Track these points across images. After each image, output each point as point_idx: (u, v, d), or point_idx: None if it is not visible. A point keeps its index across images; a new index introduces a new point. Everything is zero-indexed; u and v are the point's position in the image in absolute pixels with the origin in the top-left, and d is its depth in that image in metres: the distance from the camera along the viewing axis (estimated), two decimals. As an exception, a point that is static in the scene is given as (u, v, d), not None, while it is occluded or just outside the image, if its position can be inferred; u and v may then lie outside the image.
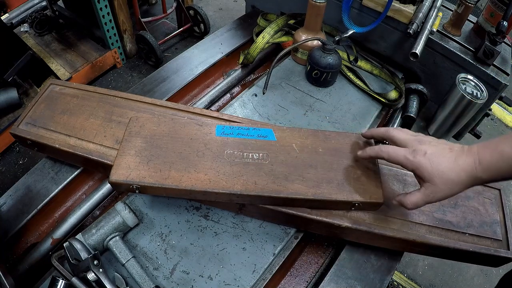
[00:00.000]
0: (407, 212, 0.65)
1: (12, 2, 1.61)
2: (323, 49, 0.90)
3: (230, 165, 0.62)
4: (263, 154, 0.65)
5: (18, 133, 0.72)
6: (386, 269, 0.68)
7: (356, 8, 0.99)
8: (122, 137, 0.65)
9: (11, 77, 1.70)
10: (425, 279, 1.62)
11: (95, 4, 1.85)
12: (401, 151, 0.55)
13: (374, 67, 1.02)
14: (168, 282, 0.62)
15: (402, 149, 0.55)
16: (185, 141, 0.65)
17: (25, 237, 0.73)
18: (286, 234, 0.68)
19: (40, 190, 0.74)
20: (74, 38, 2.24)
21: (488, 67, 0.85)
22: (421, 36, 0.85)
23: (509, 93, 0.93)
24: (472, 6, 0.86)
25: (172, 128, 0.67)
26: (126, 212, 0.63)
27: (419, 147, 0.53)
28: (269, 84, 0.93)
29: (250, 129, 0.69)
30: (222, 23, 2.74)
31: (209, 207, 0.71)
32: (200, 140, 0.65)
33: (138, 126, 0.66)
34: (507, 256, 0.63)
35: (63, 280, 0.55)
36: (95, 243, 0.61)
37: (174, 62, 1.03)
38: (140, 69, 2.33)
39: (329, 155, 0.66)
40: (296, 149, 0.66)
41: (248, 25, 1.19)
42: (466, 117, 0.84)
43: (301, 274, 0.70)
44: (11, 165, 1.80)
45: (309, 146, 0.67)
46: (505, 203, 0.70)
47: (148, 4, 2.74)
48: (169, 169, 0.60)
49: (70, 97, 0.78)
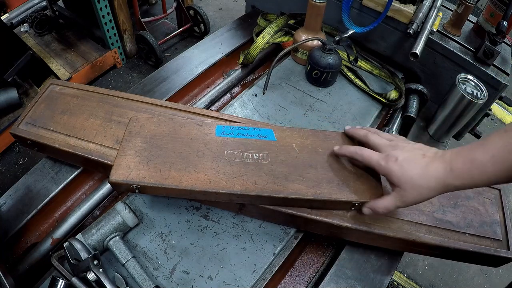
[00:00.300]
0: (407, 212, 0.65)
1: (12, 2, 1.61)
2: (323, 49, 0.90)
3: (230, 165, 0.62)
4: (263, 154, 0.65)
5: (18, 133, 0.72)
6: (386, 269, 0.68)
7: (356, 8, 0.99)
8: (122, 137, 0.65)
9: (11, 77, 1.70)
10: (425, 279, 1.62)
11: (95, 4, 1.85)
12: (375, 156, 0.57)
13: (374, 67, 1.02)
14: (168, 282, 0.62)
15: (376, 154, 0.57)
16: (185, 141, 0.65)
17: (25, 237, 0.73)
18: (286, 234, 0.68)
19: (40, 190, 0.74)
20: (74, 38, 2.24)
21: (488, 67, 0.85)
22: (421, 36, 0.85)
23: (509, 93, 0.93)
24: (472, 6, 0.86)
25: (172, 128, 0.67)
26: (126, 212, 0.63)
27: (392, 153, 0.55)
28: (269, 84, 0.93)
29: (250, 129, 0.69)
30: (222, 23, 2.75)
31: (209, 207, 0.71)
32: (200, 140, 0.65)
33: (138, 126, 0.66)
34: (507, 256, 0.63)
35: (63, 280, 0.56)
36: (95, 243, 0.61)
37: (174, 62, 1.03)
38: (140, 69, 2.33)
39: (329, 155, 0.66)
40: (296, 149, 0.66)
41: (248, 25, 1.19)
42: (466, 117, 0.84)
43: (301, 274, 0.70)
44: (11, 165, 1.80)
45: (309, 146, 0.67)
46: (505, 203, 0.70)
47: (148, 4, 2.74)
48: (169, 169, 0.60)
49: (70, 97, 0.78)
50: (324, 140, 0.68)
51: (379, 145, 0.59)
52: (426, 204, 0.66)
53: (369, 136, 0.62)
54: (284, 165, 0.63)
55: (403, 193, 0.53)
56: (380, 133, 0.64)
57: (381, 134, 0.63)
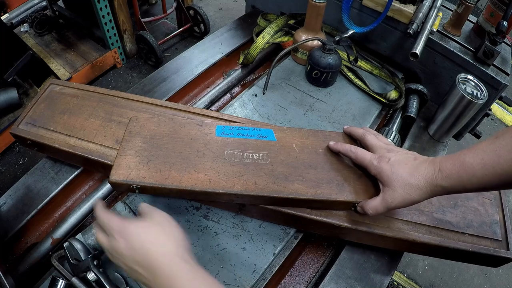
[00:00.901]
0: (407, 212, 0.65)
1: (12, 2, 1.61)
2: (323, 49, 0.90)
3: (230, 165, 0.62)
4: (263, 154, 0.65)
5: (18, 133, 0.72)
6: (386, 269, 0.68)
7: (356, 8, 0.99)
8: (122, 137, 0.65)
9: (11, 77, 1.70)
10: (425, 279, 1.62)
11: (95, 4, 1.85)
12: (368, 155, 0.58)
13: (374, 67, 1.02)
14: (168, 282, 0.62)
15: (369, 154, 0.59)
16: (185, 141, 0.65)
17: (25, 237, 0.73)
18: (286, 234, 0.68)
19: (40, 190, 0.74)
20: (74, 38, 2.24)
21: (488, 67, 0.85)
22: (421, 36, 0.85)
23: (509, 93, 0.92)
24: (472, 6, 0.86)
25: (172, 128, 0.67)
26: (126, 212, 0.63)
27: (386, 154, 0.56)
28: (269, 84, 0.93)
29: (250, 129, 0.69)
30: (222, 23, 2.75)
31: (209, 207, 0.71)
32: (200, 140, 0.65)
33: (138, 126, 0.66)
34: (506, 256, 0.63)
35: (63, 280, 0.56)
36: (95, 243, 0.61)
37: (174, 62, 1.03)
38: (140, 69, 2.33)
39: (329, 155, 0.66)
40: (296, 149, 0.66)
41: (248, 25, 1.19)
42: (466, 117, 0.84)
43: (301, 274, 0.70)
44: (11, 165, 1.80)
45: (309, 146, 0.67)
46: (505, 203, 0.70)
47: (148, 4, 2.74)
48: (169, 169, 0.60)
49: (70, 97, 0.78)
50: (324, 141, 0.68)
51: (374, 146, 0.60)
52: (426, 204, 0.66)
53: (367, 135, 0.63)
54: (284, 165, 0.63)
55: (391, 193, 0.53)
56: (378, 135, 0.64)
57: (379, 137, 0.63)
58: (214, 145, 0.65)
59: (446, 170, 0.48)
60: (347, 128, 0.69)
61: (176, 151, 0.63)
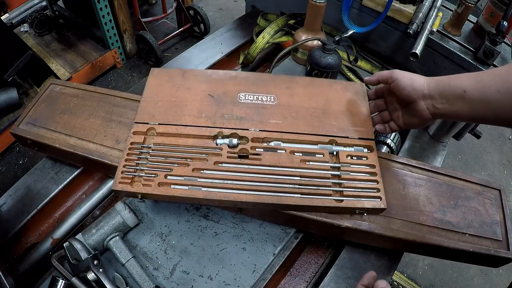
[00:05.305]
0: (407, 212, 0.65)
1: (12, 2, 1.61)
2: (323, 49, 0.89)
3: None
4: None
5: (18, 133, 0.72)
6: (386, 269, 0.68)
7: (356, 8, 0.99)
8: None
9: (11, 77, 1.70)
10: (425, 279, 1.62)
11: (95, 4, 1.85)
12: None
13: (374, 67, 1.02)
14: (168, 282, 0.62)
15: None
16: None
17: (25, 237, 0.73)
18: (286, 234, 0.68)
19: (40, 190, 0.74)
20: (74, 38, 2.24)
21: (488, 67, 0.85)
22: (421, 36, 0.85)
23: (509, 93, 0.92)
24: (472, 6, 0.86)
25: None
26: (126, 212, 0.63)
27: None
28: (269, 84, 0.92)
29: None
30: (222, 23, 2.75)
31: (209, 207, 0.71)
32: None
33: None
34: (507, 257, 0.63)
35: (63, 280, 0.56)
36: (95, 243, 0.61)
37: (174, 62, 1.03)
38: (140, 69, 2.33)
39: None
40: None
41: (248, 25, 1.19)
42: (466, 117, 0.84)
43: (301, 274, 0.70)
44: (11, 165, 1.80)
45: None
46: (505, 203, 0.70)
47: (148, 4, 2.74)
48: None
49: (70, 97, 0.78)
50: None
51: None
52: (426, 204, 0.66)
53: (396, 72, 0.64)
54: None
55: (398, 83, 0.59)
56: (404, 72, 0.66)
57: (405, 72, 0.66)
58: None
59: (432, 85, 0.56)
60: (372, 77, 0.67)
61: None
